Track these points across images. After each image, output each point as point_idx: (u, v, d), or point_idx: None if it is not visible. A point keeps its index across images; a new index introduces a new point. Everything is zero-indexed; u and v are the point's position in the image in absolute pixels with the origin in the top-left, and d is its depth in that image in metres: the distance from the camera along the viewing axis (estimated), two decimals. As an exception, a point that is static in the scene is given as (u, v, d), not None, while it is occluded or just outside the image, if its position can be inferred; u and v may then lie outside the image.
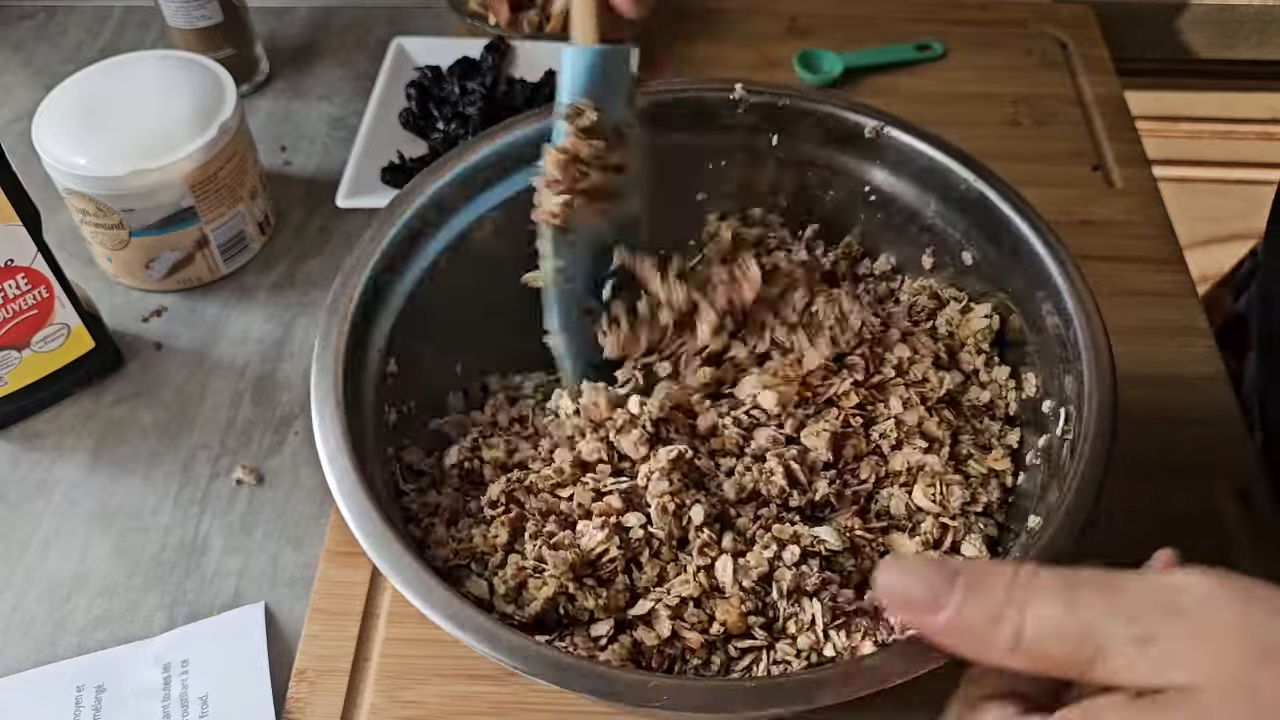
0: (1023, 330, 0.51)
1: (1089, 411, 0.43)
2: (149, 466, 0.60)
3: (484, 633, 0.38)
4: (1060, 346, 0.47)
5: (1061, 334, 0.47)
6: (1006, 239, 0.50)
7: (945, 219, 0.53)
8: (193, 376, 0.64)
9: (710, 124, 0.55)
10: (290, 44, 0.85)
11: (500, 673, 0.49)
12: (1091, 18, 0.86)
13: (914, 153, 0.53)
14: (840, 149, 0.55)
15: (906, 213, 0.55)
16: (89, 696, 0.51)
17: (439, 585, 0.39)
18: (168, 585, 0.55)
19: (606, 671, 0.38)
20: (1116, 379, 0.44)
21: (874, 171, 0.55)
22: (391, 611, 0.53)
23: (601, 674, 0.38)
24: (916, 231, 0.55)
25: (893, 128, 0.53)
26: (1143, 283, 0.67)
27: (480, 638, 0.37)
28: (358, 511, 0.41)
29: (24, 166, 0.56)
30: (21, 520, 0.58)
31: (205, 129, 0.63)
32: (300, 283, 0.69)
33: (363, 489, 0.41)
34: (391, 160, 0.73)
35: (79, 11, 0.88)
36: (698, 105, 0.54)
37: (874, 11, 0.87)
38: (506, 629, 0.38)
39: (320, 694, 0.50)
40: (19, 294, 0.57)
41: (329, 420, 0.43)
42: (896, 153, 0.53)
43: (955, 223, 0.53)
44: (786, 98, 0.54)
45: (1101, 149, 0.76)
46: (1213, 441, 0.59)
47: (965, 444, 0.50)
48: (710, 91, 0.54)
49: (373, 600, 0.53)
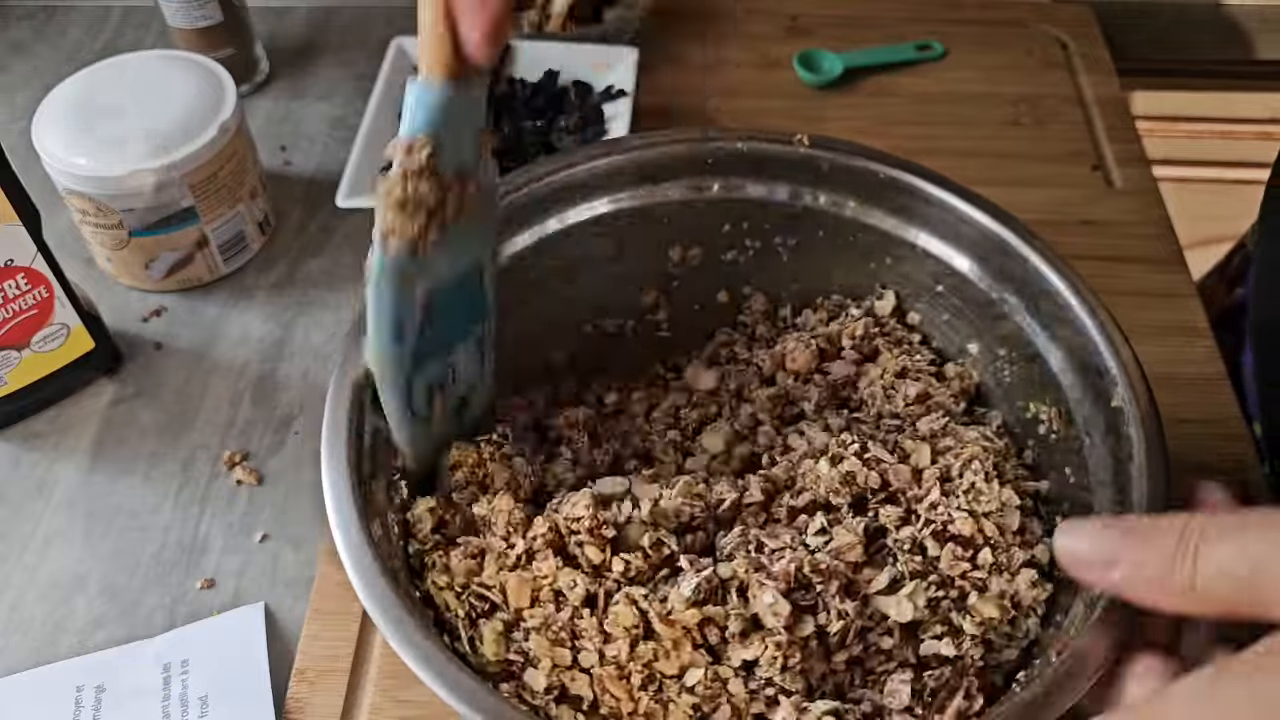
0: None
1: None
2: (149, 466, 0.60)
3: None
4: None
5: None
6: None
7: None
8: (193, 376, 0.64)
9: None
10: (290, 44, 0.85)
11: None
12: (1091, 18, 0.86)
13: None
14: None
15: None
16: (89, 696, 0.51)
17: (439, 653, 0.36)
18: (168, 585, 0.55)
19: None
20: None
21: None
22: (391, 611, 0.53)
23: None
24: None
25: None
26: (1143, 283, 0.67)
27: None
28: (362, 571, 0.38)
29: (24, 166, 0.56)
30: (21, 520, 0.58)
31: (205, 129, 0.63)
32: (300, 283, 0.69)
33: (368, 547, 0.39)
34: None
35: (79, 11, 0.88)
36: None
37: (874, 11, 0.87)
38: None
39: (320, 694, 0.50)
40: (19, 294, 0.57)
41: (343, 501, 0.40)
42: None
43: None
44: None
45: (1101, 149, 0.76)
46: (1213, 441, 0.59)
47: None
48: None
49: (373, 600, 0.53)
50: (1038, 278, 0.46)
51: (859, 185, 0.50)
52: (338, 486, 0.40)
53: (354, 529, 0.39)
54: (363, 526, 0.39)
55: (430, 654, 0.36)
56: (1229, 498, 0.37)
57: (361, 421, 0.42)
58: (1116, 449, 0.42)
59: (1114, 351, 0.43)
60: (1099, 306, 0.45)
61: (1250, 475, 0.58)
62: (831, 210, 0.51)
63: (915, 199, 0.49)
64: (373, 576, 0.38)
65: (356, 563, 0.38)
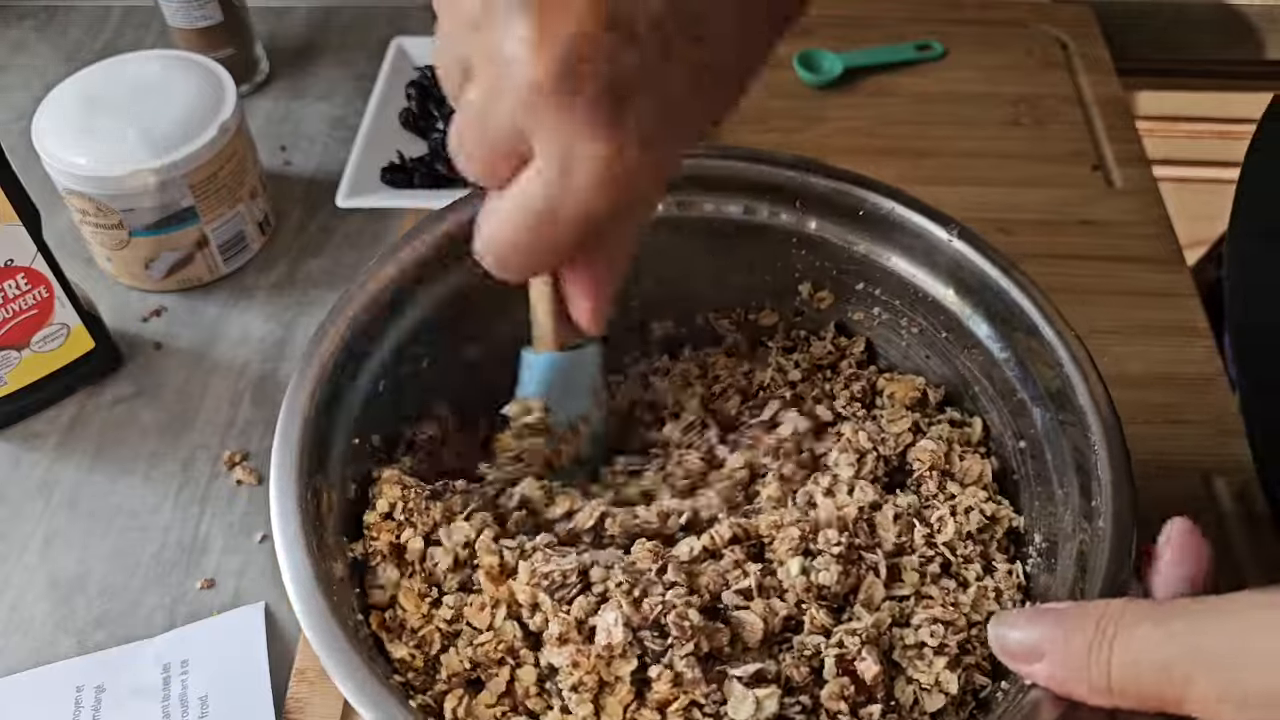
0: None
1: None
2: (149, 466, 0.60)
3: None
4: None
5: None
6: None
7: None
8: (193, 376, 0.64)
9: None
10: (290, 44, 0.85)
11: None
12: (1091, 18, 0.86)
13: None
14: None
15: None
16: (89, 696, 0.51)
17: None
18: (168, 585, 0.55)
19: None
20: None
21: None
22: (391, 611, 0.53)
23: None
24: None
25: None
26: (1143, 283, 0.67)
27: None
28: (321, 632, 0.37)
29: (24, 166, 0.56)
30: (21, 520, 0.58)
31: (205, 129, 0.63)
32: (300, 283, 0.69)
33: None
34: (391, 160, 0.73)
35: (79, 11, 0.88)
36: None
37: (874, 11, 0.87)
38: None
39: (320, 694, 0.50)
40: (19, 294, 0.57)
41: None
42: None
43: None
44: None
45: (1101, 149, 0.76)
46: (1213, 441, 0.59)
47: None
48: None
49: (373, 600, 0.53)
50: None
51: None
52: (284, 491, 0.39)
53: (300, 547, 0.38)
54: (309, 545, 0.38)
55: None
56: (1194, 537, 0.36)
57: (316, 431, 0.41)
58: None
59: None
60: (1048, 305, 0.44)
61: (1250, 475, 0.58)
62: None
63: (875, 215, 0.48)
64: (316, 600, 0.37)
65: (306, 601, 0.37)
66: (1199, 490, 0.57)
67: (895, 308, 0.49)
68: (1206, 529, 0.56)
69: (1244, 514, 0.56)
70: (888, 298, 0.49)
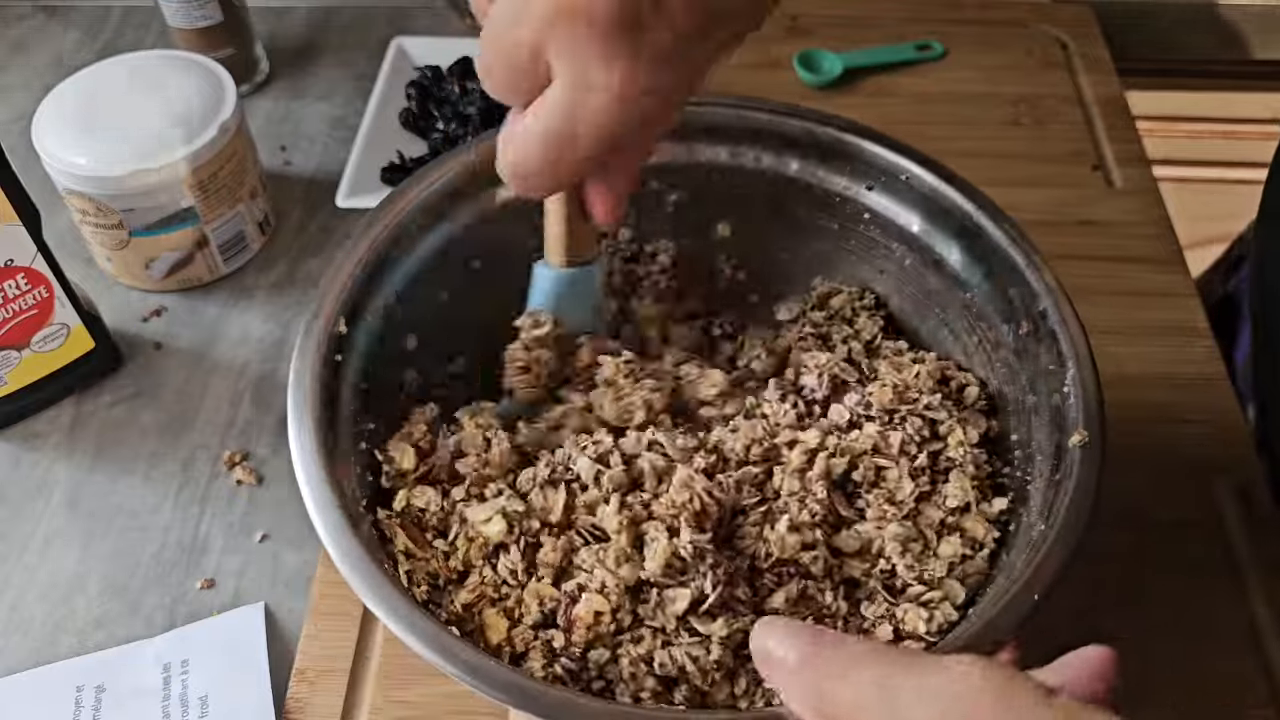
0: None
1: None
2: (149, 466, 0.60)
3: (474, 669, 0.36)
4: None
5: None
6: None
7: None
8: (193, 376, 0.64)
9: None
10: (290, 44, 0.85)
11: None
12: (1091, 18, 0.86)
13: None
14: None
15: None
16: (89, 696, 0.51)
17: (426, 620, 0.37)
18: (168, 585, 0.55)
19: (612, 709, 0.37)
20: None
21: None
22: (391, 611, 0.53)
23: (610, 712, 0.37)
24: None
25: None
26: (1143, 283, 0.67)
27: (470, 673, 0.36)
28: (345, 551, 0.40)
29: (24, 166, 0.56)
30: (21, 520, 0.58)
31: (205, 129, 0.63)
32: (300, 283, 0.69)
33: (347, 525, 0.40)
34: (392, 160, 0.73)
35: (79, 11, 0.88)
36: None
37: (874, 11, 0.87)
38: (496, 664, 0.36)
39: (320, 694, 0.50)
40: (19, 294, 0.57)
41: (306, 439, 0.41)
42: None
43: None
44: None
45: (1101, 149, 0.76)
46: (1213, 441, 0.59)
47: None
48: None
49: (373, 600, 0.53)
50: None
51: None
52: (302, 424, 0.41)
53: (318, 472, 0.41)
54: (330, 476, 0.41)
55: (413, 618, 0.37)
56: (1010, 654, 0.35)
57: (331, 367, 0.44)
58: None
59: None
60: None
61: (1250, 475, 0.58)
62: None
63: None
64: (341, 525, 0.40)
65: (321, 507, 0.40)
66: (1199, 490, 0.57)
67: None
68: (1205, 529, 0.56)
69: (1244, 514, 0.56)
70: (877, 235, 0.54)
